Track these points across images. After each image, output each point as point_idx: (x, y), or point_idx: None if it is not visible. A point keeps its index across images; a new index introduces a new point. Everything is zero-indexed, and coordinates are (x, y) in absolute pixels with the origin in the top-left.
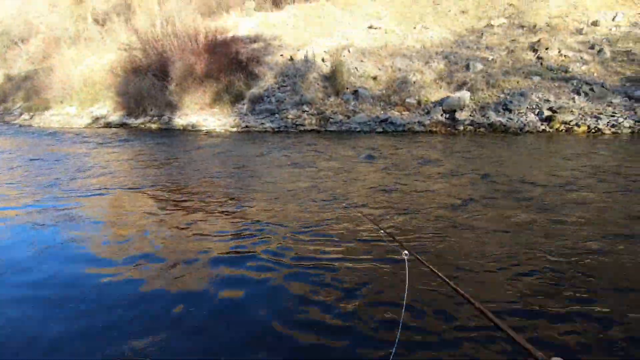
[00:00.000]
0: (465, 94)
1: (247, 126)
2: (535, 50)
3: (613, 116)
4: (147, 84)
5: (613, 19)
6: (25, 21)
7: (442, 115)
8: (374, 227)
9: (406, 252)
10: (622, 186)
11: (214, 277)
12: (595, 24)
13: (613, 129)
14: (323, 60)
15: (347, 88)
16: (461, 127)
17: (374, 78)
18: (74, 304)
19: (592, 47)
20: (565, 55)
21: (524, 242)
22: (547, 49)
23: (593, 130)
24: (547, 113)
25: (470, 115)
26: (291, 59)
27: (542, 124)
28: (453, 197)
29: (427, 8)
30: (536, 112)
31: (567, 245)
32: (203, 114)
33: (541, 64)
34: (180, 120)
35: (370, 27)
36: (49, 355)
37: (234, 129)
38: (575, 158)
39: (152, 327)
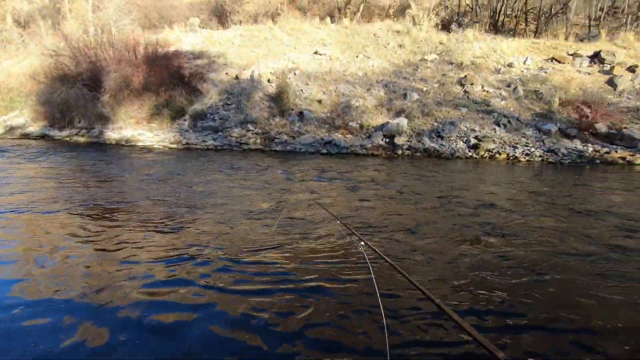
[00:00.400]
0: (403, 121)
1: (187, 143)
2: (462, 85)
3: (527, 146)
4: (76, 94)
5: (524, 62)
6: None
7: (382, 139)
8: (331, 217)
9: (363, 243)
10: (563, 209)
11: (139, 312)
12: (510, 65)
13: (527, 157)
14: (269, 81)
15: (292, 109)
16: (400, 152)
17: (319, 101)
18: None
19: (508, 85)
20: (487, 91)
21: (481, 260)
22: (472, 84)
23: (511, 158)
24: (473, 141)
25: (407, 141)
26: (237, 77)
27: (469, 151)
28: (410, 217)
29: (368, 40)
30: (464, 140)
31: (521, 264)
32: (139, 129)
33: (467, 97)
34: (113, 134)
35: (315, 53)
36: None
37: (174, 146)
38: (512, 182)
39: None
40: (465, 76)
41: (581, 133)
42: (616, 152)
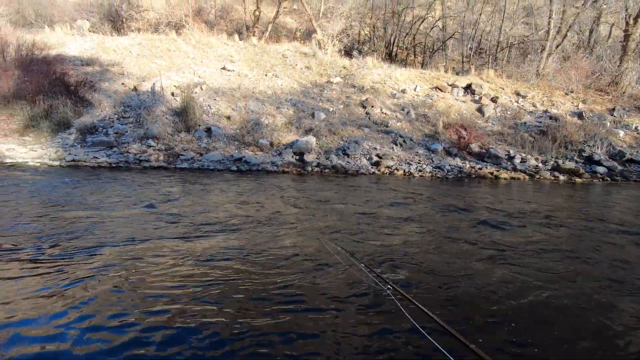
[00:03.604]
0: (312, 139)
1: (74, 160)
2: (364, 107)
3: (419, 163)
4: None
5: (414, 90)
6: None
7: (292, 156)
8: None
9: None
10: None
11: None
12: (403, 91)
13: (420, 173)
14: (173, 94)
15: (199, 125)
16: (309, 168)
17: (228, 117)
18: None
19: (403, 109)
20: (385, 113)
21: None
22: (372, 106)
23: (407, 173)
24: (375, 159)
25: (317, 158)
26: (135, 89)
27: (372, 167)
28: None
29: (276, 59)
30: (367, 158)
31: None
32: (8, 143)
33: (369, 118)
34: None
35: (223, 69)
36: None
37: (55, 163)
38: (430, 195)
39: None
40: (367, 99)
41: (460, 152)
42: (486, 168)
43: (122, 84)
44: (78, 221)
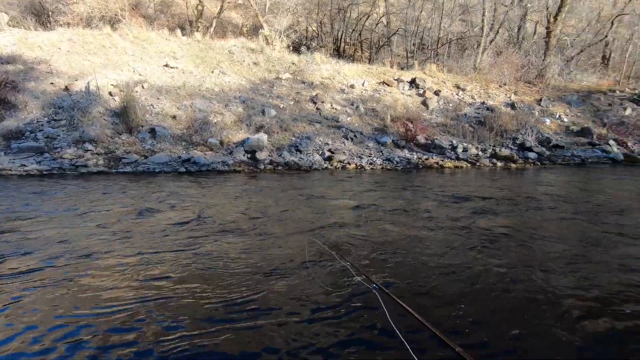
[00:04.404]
0: (263, 136)
1: None
2: (314, 102)
3: (370, 156)
4: None
5: (362, 85)
6: None
7: (244, 155)
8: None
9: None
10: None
11: None
12: (352, 86)
13: (371, 166)
14: (111, 94)
15: (142, 126)
16: (262, 166)
17: (174, 117)
18: None
19: (352, 104)
20: (335, 108)
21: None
22: (322, 102)
23: (359, 167)
24: (327, 154)
25: (269, 155)
26: (67, 88)
27: (325, 163)
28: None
29: (223, 55)
30: (320, 153)
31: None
32: None
33: (320, 113)
34: None
35: (166, 66)
36: None
37: None
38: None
39: None
40: (317, 95)
41: (408, 144)
42: (432, 158)
43: (51, 83)
44: (6, 237)
